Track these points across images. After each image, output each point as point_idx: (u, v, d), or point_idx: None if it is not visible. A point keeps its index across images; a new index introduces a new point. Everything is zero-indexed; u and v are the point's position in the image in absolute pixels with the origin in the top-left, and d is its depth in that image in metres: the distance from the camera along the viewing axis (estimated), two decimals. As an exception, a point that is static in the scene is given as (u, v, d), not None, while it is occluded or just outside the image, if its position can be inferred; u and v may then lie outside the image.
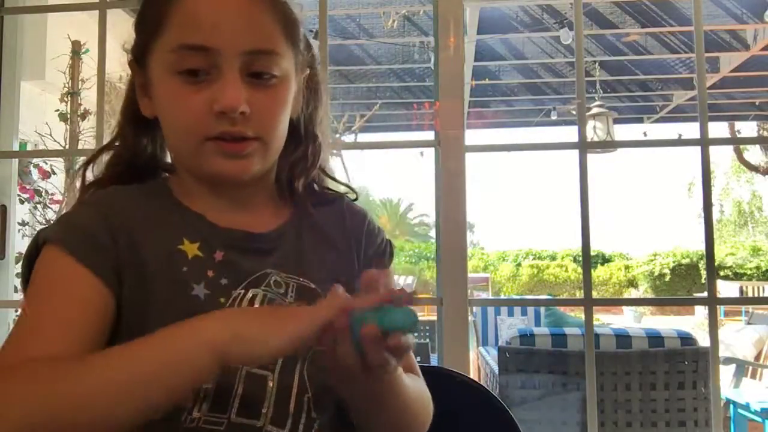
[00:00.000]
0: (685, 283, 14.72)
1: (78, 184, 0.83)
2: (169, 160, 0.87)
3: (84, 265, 0.68)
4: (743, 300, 10.35)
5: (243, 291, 0.73)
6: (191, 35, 0.71)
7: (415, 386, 0.76)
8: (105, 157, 0.84)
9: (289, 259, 0.78)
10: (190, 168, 0.78)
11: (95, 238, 0.70)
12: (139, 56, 0.77)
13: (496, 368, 3.50)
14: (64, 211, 0.81)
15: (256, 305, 0.72)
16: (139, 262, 0.71)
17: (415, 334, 0.61)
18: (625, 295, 15.42)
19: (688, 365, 2.89)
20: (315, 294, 0.76)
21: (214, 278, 0.73)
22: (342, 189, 0.89)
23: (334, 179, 0.89)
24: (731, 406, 3.72)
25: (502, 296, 14.07)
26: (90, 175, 0.83)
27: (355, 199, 0.89)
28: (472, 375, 2.35)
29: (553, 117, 7.01)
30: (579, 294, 8.68)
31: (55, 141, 3.22)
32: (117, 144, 0.83)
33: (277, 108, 0.75)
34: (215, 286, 0.72)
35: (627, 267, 16.04)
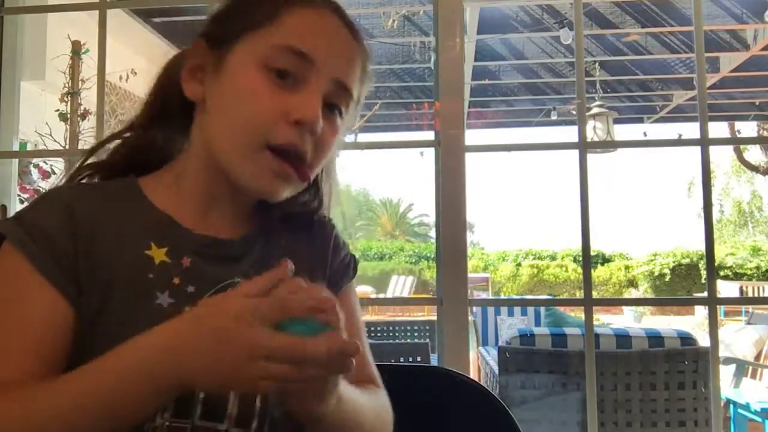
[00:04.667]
0: (685, 283, 14.71)
1: (76, 165, 0.81)
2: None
3: (43, 275, 0.66)
4: (743, 300, 10.34)
5: None
6: (301, 41, 0.70)
7: (371, 404, 0.75)
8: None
9: (258, 267, 0.74)
10: (225, 167, 0.73)
11: (57, 244, 0.68)
12: (218, 37, 0.74)
13: (496, 368, 3.50)
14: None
15: None
16: (99, 269, 0.69)
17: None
18: (625, 295, 15.41)
19: (688, 365, 2.88)
20: None
21: (179, 285, 0.71)
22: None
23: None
24: (731, 406, 3.72)
25: (502, 296, 14.07)
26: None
27: (327, 218, 0.87)
28: (472, 375, 2.35)
29: (553, 117, 7.02)
30: (579, 294, 8.68)
31: (55, 141, 3.22)
32: (129, 134, 0.81)
33: (331, 142, 0.75)
34: (180, 294, 0.70)
35: (627, 267, 16.03)
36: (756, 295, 11.16)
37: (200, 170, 0.76)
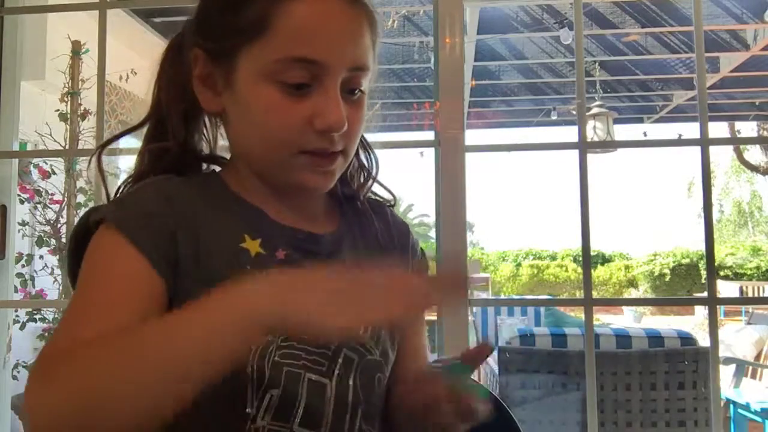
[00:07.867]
0: (685, 283, 14.71)
1: (95, 168, 0.79)
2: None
3: (139, 249, 0.65)
4: (743, 300, 10.35)
5: None
6: (302, 48, 0.67)
7: None
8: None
9: (348, 264, 0.76)
10: (268, 174, 0.74)
11: (155, 223, 0.67)
12: (216, 52, 0.72)
13: (496, 368, 3.49)
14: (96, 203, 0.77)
15: None
16: (200, 257, 0.68)
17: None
18: (625, 295, 15.41)
19: (688, 365, 2.88)
20: None
21: None
22: (384, 194, 0.90)
23: (380, 184, 0.89)
24: (731, 406, 3.72)
25: (502, 296, 14.06)
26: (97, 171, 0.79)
27: (393, 205, 0.90)
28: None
29: (553, 117, 7.01)
30: (579, 294, 8.68)
31: (55, 141, 3.22)
32: (154, 134, 0.78)
33: (361, 123, 0.74)
34: None
35: (627, 267, 16.03)
36: (756, 295, 11.14)
37: (250, 171, 0.76)
